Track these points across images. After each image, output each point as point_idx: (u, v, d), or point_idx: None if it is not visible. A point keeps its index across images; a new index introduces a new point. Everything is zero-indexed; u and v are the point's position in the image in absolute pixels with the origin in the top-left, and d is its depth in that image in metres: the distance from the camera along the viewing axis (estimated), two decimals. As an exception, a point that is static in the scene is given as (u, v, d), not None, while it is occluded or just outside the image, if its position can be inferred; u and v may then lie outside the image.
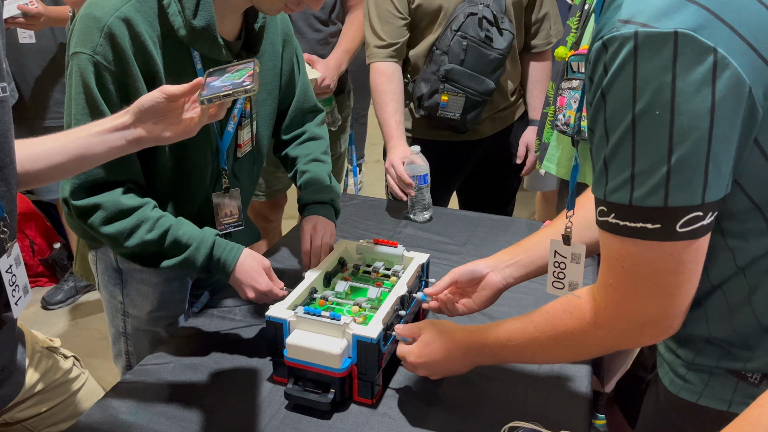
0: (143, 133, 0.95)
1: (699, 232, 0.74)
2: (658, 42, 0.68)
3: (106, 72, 1.11)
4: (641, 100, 0.70)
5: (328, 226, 1.40)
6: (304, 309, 1.13)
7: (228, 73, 1.03)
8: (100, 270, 1.42)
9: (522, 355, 0.98)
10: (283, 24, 1.41)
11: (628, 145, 0.72)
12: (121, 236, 1.18)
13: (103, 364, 2.55)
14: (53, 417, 1.18)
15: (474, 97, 1.87)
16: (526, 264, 1.15)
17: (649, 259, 0.76)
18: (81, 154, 0.95)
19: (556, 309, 0.91)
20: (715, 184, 0.72)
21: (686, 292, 0.78)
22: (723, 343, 0.84)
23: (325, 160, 1.51)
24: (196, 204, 1.34)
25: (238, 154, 1.36)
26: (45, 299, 2.95)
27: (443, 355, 1.05)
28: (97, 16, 1.10)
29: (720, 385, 0.85)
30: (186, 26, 1.14)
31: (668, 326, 0.81)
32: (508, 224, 1.82)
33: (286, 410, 1.13)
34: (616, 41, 0.71)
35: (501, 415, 1.10)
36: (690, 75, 0.68)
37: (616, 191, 0.75)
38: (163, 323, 1.44)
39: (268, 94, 1.40)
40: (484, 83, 1.86)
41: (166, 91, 0.94)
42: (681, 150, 0.70)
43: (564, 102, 1.57)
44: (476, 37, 1.81)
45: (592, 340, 0.87)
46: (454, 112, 1.89)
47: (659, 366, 0.95)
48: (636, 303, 0.80)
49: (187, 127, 0.97)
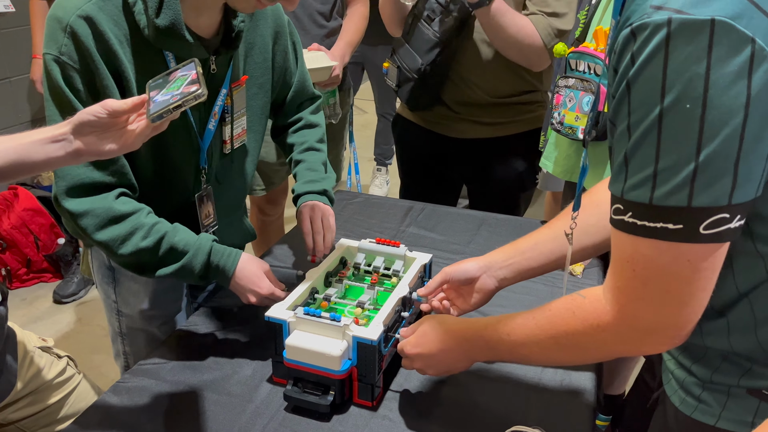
0: (82, 145, 0.92)
1: (723, 236, 0.69)
2: (693, 30, 0.64)
3: (73, 71, 1.09)
4: (671, 92, 0.65)
5: (326, 210, 1.39)
6: (303, 310, 1.12)
7: (170, 81, 0.98)
8: (95, 268, 1.41)
9: (519, 352, 0.93)
10: (275, 17, 1.38)
11: (653, 140, 0.68)
12: (114, 243, 1.15)
13: (106, 361, 2.55)
14: (47, 418, 1.17)
15: (405, 71, 1.87)
16: (520, 268, 1.11)
17: (662, 264, 0.71)
18: (20, 160, 0.92)
19: (558, 307, 0.87)
20: (744, 185, 0.67)
21: (698, 302, 0.74)
22: (744, 360, 0.80)
23: (320, 148, 1.50)
24: (178, 203, 1.31)
25: (224, 151, 1.33)
26: (57, 293, 2.96)
27: (439, 346, 1.02)
28: (60, 16, 1.09)
29: (739, 406, 0.81)
30: (150, 25, 1.11)
31: (674, 336, 0.77)
32: (513, 223, 1.80)
33: (285, 412, 1.12)
34: (646, 28, 0.66)
35: (503, 419, 1.09)
36: (725, 66, 0.64)
37: (635, 189, 0.70)
38: (157, 322, 1.43)
39: (259, 88, 1.38)
40: (414, 60, 1.84)
41: (107, 107, 0.90)
42: (710, 147, 0.65)
43: (560, 100, 1.55)
44: (419, 14, 1.83)
45: (592, 343, 0.83)
46: (392, 81, 1.94)
47: (666, 383, 0.91)
48: (642, 309, 0.76)
49: (128, 140, 0.93)
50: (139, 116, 0.93)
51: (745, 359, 0.80)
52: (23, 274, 3.07)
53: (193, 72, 0.97)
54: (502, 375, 1.20)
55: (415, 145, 2.07)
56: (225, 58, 1.25)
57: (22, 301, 2.97)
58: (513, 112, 1.93)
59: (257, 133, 1.42)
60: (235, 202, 1.45)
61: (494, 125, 1.93)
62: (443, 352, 1.03)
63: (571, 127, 1.52)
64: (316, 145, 1.49)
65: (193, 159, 1.29)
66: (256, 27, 1.33)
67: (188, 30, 1.14)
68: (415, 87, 1.87)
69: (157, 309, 1.41)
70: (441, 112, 1.94)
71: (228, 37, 1.24)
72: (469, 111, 1.92)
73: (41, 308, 2.93)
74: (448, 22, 1.78)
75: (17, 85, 3.30)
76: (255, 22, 1.32)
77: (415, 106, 1.96)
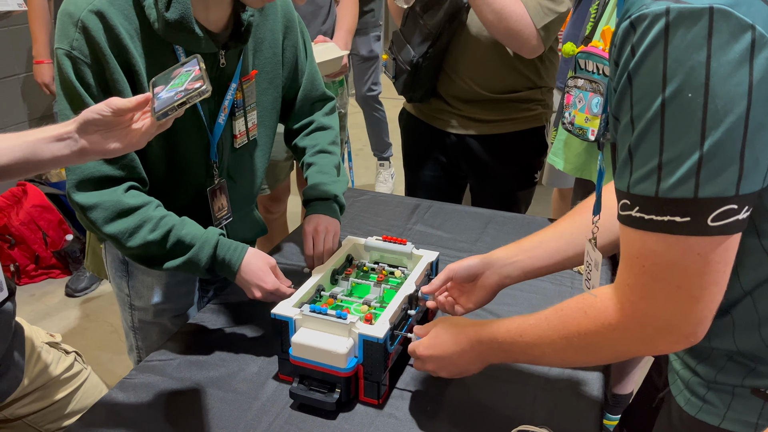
0: (87, 144, 0.92)
1: (732, 227, 0.68)
2: (692, 18, 0.63)
3: (84, 66, 1.11)
4: (672, 82, 0.65)
5: (331, 225, 1.37)
6: (310, 307, 1.11)
7: (174, 78, 0.98)
8: (109, 262, 1.42)
9: (531, 353, 0.92)
10: (285, 11, 1.38)
11: (656, 132, 0.67)
12: (123, 236, 1.17)
13: (113, 358, 2.56)
14: (54, 413, 1.18)
15: (399, 63, 1.87)
16: (524, 266, 1.10)
17: (672, 258, 0.70)
18: (26, 158, 0.93)
19: (571, 307, 0.86)
20: (751, 174, 0.66)
21: (711, 297, 0.71)
22: (748, 360, 0.79)
23: (333, 151, 1.49)
24: (190, 197, 1.33)
25: (235, 145, 1.34)
26: (70, 287, 2.98)
27: (453, 348, 1.01)
28: (71, 11, 1.11)
29: (744, 407, 0.80)
30: (160, 19, 1.12)
31: (689, 334, 0.74)
32: (520, 222, 1.79)
33: (290, 409, 1.11)
34: (645, 19, 0.66)
35: (510, 418, 1.08)
36: (726, 54, 0.63)
37: (640, 182, 0.69)
38: (169, 315, 1.44)
39: (269, 83, 1.38)
40: (408, 52, 1.84)
41: (112, 105, 0.91)
42: (714, 136, 0.64)
43: (570, 100, 1.54)
44: (416, 7, 1.83)
45: (605, 343, 0.82)
46: (389, 73, 1.94)
47: (672, 383, 0.90)
48: (654, 305, 0.74)
49: (133, 138, 0.93)
50: (144, 114, 0.93)
51: (750, 359, 0.79)
52: (32, 270, 3.08)
53: (197, 68, 0.96)
54: (510, 374, 1.20)
55: (418, 139, 2.07)
56: (234, 52, 1.26)
57: (31, 297, 2.98)
58: (509, 110, 1.90)
59: (268, 128, 1.42)
60: (246, 196, 1.45)
61: (489, 122, 1.91)
62: (457, 354, 1.01)
63: (581, 128, 1.52)
64: (329, 147, 1.48)
65: (203, 153, 1.30)
66: (266, 22, 1.33)
67: (198, 24, 1.15)
68: (408, 79, 1.87)
69: (170, 302, 1.42)
70: (438, 106, 1.94)
71: (237, 31, 1.24)
72: (463, 106, 1.91)
73: (49, 304, 2.94)
74: (438, 14, 1.77)
75: (25, 81, 3.32)
76: (265, 17, 1.32)
77: (410, 98, 1.97)
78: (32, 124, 3.36)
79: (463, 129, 1.93)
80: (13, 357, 1.08)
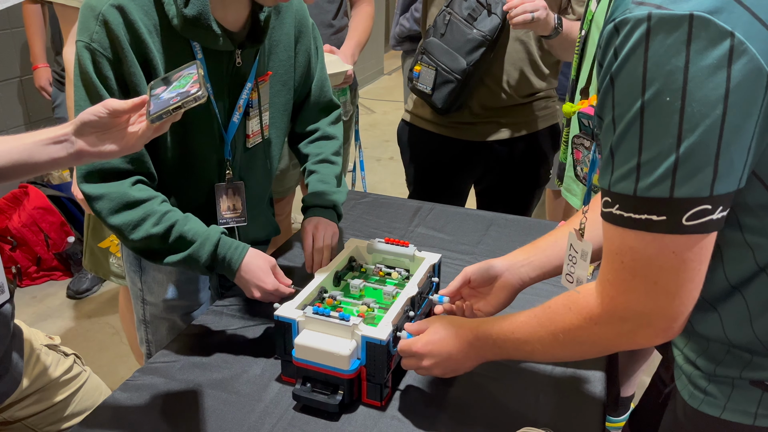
0: (84, 146, 0.93)
1: (707, 226, 0.70)
2: (672, 24, 0.66)
3: (103, 59, 1.13)
4: (652, 85, 0.67)
5: (329, 227, 1.38)
6: (312, 309, 1.11)
7: (172, 82, 0.99)
8: (124, 257, 1.45)
9: (523, 349, 0.95)
10: (299, 15, 1.39)
11: (636, 133, 0.70)
12: (126, 228, 1.19)
13: (114, 359, 2.56)
14: (53, 415, 1.18)
15: (445, 72, 1.84)
16: (542, 264, 1.13)
17: (649, 255, 0.73)
18: (23, 161, 0.94)
19: (557, 304, 0.90)
20: (725, 176, 0.69)
21: (687, 293, 0.75)
22: (744, 352, 0.81)
23: (335, 161, 1.50)
24: (203, 195, 1.34)
25: (247, 145, 1.35)
26: (71, 289, 2.99)
27: (454, 345, 1.03)
28: (93, 5, 1.13)
29: (743, 397, 0.82)
30: (178, 15, 1.14)
31: (666, 328, 0.78)
32: (522, 224, 1.79)
33: (293, 411, 1.11)
34: (628, 23, 0.68)
35: (512, 420, 1.08)
36: (703, 59, 0.65)
37: (621, 181, 0.72)
38: (179, 312, 1.45)
39: (282, 85, 1.39)
40: (457, 60, 1.82)
41: (108, 106, 0.91)
42: (690, 139, 0.67)
43: (580, 156, 1.55)
44: (459, 13, 1.81)
45: (588, 337, 0.85)
46: (426, 85, 1.88)
47: (677, 378, 0.92)
48: (632, 301, 0.77)
49: (130, 141, 0.94)
50: (140, 117, 0.94)
51: (745, 351, 0.81)
52: (33, 272, 3.09)
53: (194, 74, 0.98)
54: (512, 375, 1.20)
55: (428, 153, 2.06)
56: (251, 52, 1.27)
57: (32, 299, 2.99)
58: (529, 111, 1.97)
59: (279, 130, 1.43)
60: (258, 196, 1.46)
61: (512, 125, 1.97)
62: (453, 352, 1.03)
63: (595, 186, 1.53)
64: (332, 157, 1.49)
65: (216, 151, 1.31)
66: (281, 25, 1.35)
67: (216, 22, 1.17)
68: (457, 88, 1.85)
69: (180, 299, 1.43)
70: (461, 118, 1.96)
71: (254, 31, 1.26)
72: (490, 113, 1.94)
73: (51, 306, 2.94)
74: (493, 19, 1.79)
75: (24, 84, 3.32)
76: (281, 21, 1.34)
77: (447, 110, 1.93)
78: (30, 127, 3.36)
79: (490, 135, 1.97)
80: (11, 359, 1.08)
